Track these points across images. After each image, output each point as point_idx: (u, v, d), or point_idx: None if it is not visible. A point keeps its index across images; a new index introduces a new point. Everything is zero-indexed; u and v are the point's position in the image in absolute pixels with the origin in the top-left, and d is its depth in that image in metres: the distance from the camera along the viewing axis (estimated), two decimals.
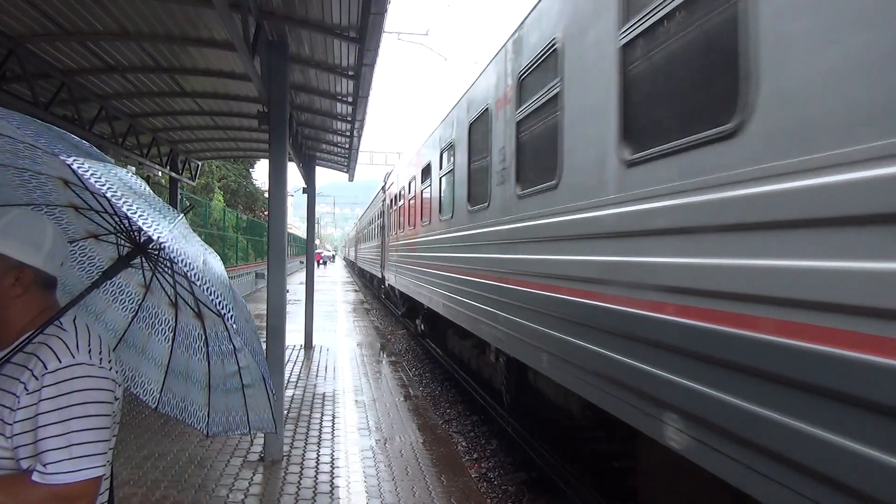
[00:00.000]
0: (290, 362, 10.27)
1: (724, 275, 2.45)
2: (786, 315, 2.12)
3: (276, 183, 6.00)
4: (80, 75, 7.82)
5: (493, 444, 7.37)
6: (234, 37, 4.85)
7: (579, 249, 3.80)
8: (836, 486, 1.89)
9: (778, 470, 2.13)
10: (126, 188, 1.33)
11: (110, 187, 1.26)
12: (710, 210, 2.55)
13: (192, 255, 1.39)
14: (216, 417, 1.94)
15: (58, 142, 1.31)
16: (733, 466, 2.37)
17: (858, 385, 1.83)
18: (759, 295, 2.24)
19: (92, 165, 1.27)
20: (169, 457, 5.63)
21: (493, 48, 5.87)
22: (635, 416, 3.12)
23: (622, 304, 3.23)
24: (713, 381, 2.49)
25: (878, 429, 1.77)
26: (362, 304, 23.10)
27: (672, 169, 2.84)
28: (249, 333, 1.66)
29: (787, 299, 2.11)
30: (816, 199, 2.00)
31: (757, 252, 2.26)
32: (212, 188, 30.87)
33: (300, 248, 48.20)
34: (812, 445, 1.98)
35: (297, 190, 19.02)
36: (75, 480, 1.42)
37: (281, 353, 5.92)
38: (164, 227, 1.31)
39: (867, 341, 1.81)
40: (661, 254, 2.90)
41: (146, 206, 1.33)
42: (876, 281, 1.79)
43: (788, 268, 2.11)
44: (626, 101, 3.32)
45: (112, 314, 1.98)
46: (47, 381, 1.45)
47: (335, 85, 7.88)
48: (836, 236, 1.94)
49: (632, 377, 3.11)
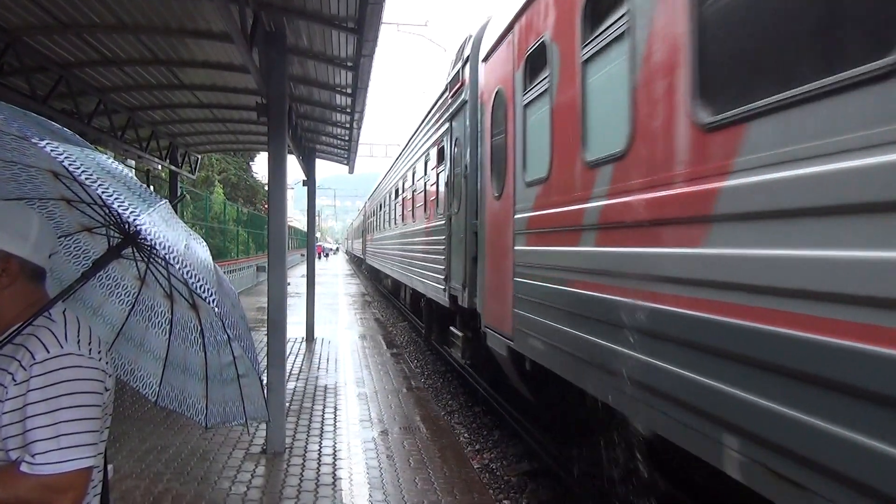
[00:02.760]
0: (292, 355, 10.28)
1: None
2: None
3: (276, 175, 5.98)
4: (78, 68, 7.79)
5: (496, 435, 7.38)
6: (232, 28, 4.82)
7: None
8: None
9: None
10: (103, 172, 1.30)
11: (85, 170, 1.24)
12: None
13: (173, 238, 1.37)
14: (214, 409, 1.93)
15: (32, 126, 1.28)
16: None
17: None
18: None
19: (67, 149, 1.25)
20: (171, 449, 5.64)
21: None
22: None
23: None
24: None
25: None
26: (363, 296, 23.12)
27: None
28: (237, 318, 1.65)
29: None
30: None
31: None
32: (212, 181, 30.85)
33: (301, 241, 48.20)
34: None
35: (297, 183, 18.57)
36: (64, 471, 1.41)
37: (282, 345, 5.91)
38: (142, 210, 1.29)
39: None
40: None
41: (124, 190, 1.31)
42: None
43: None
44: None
45: (109, 308, 1.97)
46: (36, 372, 1.44)
47: (334, 76, 7.84)
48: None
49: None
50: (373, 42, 5.94)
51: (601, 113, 3.64)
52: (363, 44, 6.00)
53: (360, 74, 7.01)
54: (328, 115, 10.02)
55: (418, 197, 11.07)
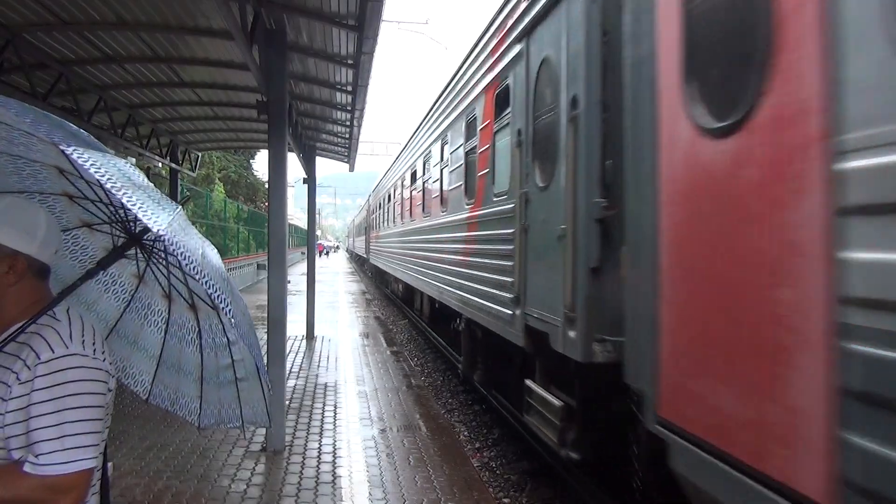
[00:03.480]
0: (292, 353, 10.28)
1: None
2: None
3: (276, 173, 5.97)
4: (79, 66, 7.78)
5: (496, 433, 7.38)
6: (232, 25, 4.81)
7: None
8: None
9: None
10: (125, 179, 1.30)
11: (109, 178, 1.23)
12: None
13: (192, 248, 1.36)
14: (208, 410, 1.93)
15: (57, 130, 1.28)
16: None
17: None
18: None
19: (91, 155, 1.25)
20: (171, 447, 5.64)
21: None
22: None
23: None
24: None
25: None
26: (364, 294, 23.12)
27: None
28: (246, 327, 1.64)
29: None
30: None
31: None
32: (212, 179, 30.85)
33: (301, 239, 48.16)
34: None
35: (297, 180, 18.47)
36: (67, 472, 1.41)
37: (282, 343, 5.91)
38: (164, 220, 1.29)
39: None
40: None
41: (145, 198, 1.30)
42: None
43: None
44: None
45: (104, 304, 1.96)
46: (40, 372, 1.43)
47: (334, 74, 7.83)
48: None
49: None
50: (373, 39, 5.94)
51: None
52: (363, 41, 5.99)
53: (360, 72, 7.00)
54: (328, 113, 10.01)
55: (454, 176, 7.98)
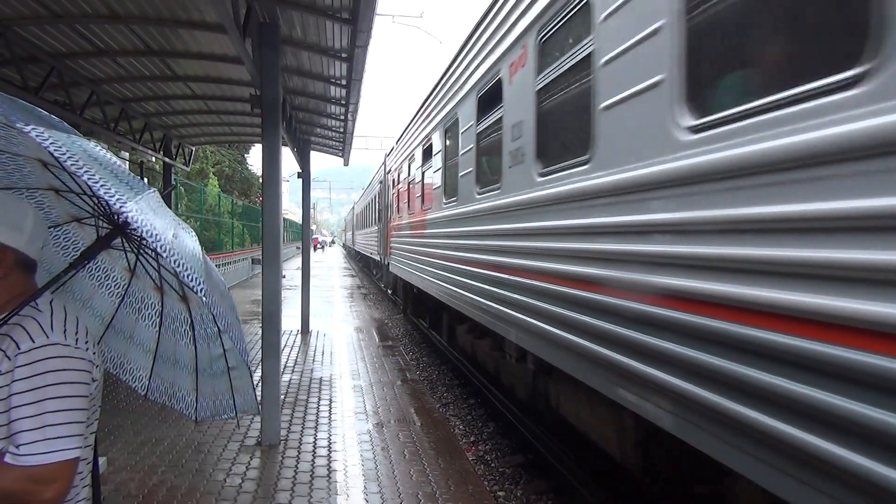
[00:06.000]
0: (287, 347, 10.28)
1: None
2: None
3: (270, 167, 5.95)
4: (71, 59, 7.73)
5: (490, 426, 7.40)
6: (225, 18, 4.78)
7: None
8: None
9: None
10: (89, 158, 1.28)
11: (71, 156, 1.22)
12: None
13: (160, 227, 1.35)
14: (204, 402, 1.92)
15: (18, 112, 1.27)
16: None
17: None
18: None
19: (53, 134, 1.23)
20: (166, 442, 5.63)
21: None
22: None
23: None
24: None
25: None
26: (359, 288, 23.10)
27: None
28: (226, 309, 1.63)
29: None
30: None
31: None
32: (207, 174, 30.71)
33: (296, 234, 48.02)
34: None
35: (292, 175, 18.15)
36: (49, 462, 1.40)
37: (277, 338, 5.90)
38: (129, 198, 1.27)
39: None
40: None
41: (111, 177, 1.29)
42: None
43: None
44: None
45: (99, 300, 1.95)
46: (20, 362, 1.43)
47: (328, 67, 7.80)
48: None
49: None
50: (367, 33, 5.92)
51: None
52: (357, 35, 5.98)
53: (354, 66, 6.98)
54: (323, 107, 9.98)
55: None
